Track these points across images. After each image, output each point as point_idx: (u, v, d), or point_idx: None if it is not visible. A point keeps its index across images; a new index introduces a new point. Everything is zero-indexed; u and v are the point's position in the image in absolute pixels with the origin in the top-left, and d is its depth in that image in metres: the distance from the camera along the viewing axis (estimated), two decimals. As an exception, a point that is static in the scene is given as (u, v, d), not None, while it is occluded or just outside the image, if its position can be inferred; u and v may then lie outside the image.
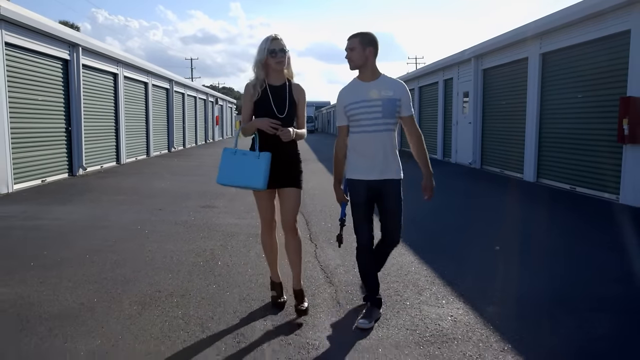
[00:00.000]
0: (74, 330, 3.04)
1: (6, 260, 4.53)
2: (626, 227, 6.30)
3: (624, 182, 7.54)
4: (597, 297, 3.79)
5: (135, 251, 4.89)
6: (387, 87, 3.14)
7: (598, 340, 3.04)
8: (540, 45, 10.01)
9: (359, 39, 3.15)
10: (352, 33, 3.23)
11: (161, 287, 3.84)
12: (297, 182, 3.36)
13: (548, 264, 4.67)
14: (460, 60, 14.32)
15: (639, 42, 7.22)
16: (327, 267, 4.41)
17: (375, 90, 3.12)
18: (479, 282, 4.08)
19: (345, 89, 3.29)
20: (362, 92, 3.15)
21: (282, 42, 3.26)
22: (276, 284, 3.57)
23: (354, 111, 3.16)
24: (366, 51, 3.13)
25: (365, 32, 3.18)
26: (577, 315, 3.41)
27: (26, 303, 3.49)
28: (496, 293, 3.83)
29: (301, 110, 3.41)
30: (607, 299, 3.75)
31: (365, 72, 3.19)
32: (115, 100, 13.81)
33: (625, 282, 4.12)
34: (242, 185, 3.20)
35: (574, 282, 4.12)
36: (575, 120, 9.06)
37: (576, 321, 3.29)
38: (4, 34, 8.26)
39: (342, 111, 3.24)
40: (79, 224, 6.15)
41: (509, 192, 9.63)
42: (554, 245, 5.38)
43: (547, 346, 2.94)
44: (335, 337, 3.02)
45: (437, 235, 5.82)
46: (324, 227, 6.03)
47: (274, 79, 3.33)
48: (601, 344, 2.98)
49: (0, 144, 8.14)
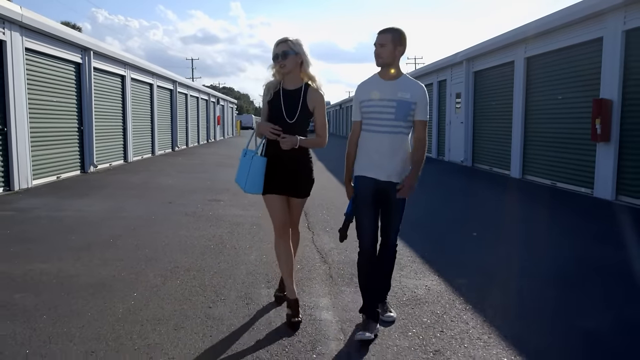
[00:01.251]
0: (111, 295, 3.67)
1: (41, 244, 5.16)
2: (594, 217, 6.94)
3: (597, 177, 8.18)
4: (549, 270, 4.43)
5: (152, 236, 5.53)
6: (406, 89, 3.01)
7: (543, 300, 3.68)
8: (525, 50, 10.65)
9: (391, 35, 2.99)
10: (384, 27, 3.05)
11: (179, 264, 4.48)
12: (305, 193, 3.32)
13: (516, 246, 5.32)
14: (453, 63, 14.95)
15: (610, 49, 7.86)
16: (322, 250, 5.04)
17: (392, 90, 3.01)
18: (454, 261, 4.72)
19: (364, 84, 3.16)
20: (379, 90, 3.04)
21: (289, 45, 3.12)
22: (291, 302, 3.25)
23: (367, 109, 3.07)
24: (396, 50, 3.01)
25: (398, 28, 3.02)
26: (529, 283, 4.05)
27: (66, 275, 4.12)
28: (467, 269, 4.47)
29: (319, 118, 3.24)
30: (557, 270, 4.39)
31: (389, 71, 3.06)
32: (122, 101, 14.44)
33: (578, 260, 4.77)
34: (240, 186, 3.21)
35: (536, 259, 4.77)
36: (555, 120, 9.70)
37: (527, 287, 3.94)
38: (24, 40, 8.89)
39: (357, 106, 3.14)
40: (98, 214, 6.78)
41: (495, 188, 10.27)
42: (526, 233, 6.02)
43: (502, 305, 3.58)
44: (327, 301, 3.66)
45: (423, 224, 6.44)
46: (320, 218, 6.66)
47: (288, 82, 3.22)
48: (543, 303, 3.63)
49: (21, 142, 8.78)
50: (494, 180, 11.30)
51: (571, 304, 3.65)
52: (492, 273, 4.38)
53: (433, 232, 6.04)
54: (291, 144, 3.06)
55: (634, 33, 7.47)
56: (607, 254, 5.01)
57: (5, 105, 8.40)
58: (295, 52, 3.12)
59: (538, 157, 10.38)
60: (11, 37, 8.50)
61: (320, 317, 3.35)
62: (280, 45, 3.12)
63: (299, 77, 3.20)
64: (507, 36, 11.28)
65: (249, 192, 3.16)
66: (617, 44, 7.69)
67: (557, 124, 9.63)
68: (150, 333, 3.03)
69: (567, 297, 3.78)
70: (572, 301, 3.70)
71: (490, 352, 2.86)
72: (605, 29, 7.97)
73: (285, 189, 3.22)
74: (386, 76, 3.07)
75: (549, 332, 3.15)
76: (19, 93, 8.70)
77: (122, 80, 14.33)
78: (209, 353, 2.82)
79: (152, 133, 17.46)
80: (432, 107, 17.71)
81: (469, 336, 3.07)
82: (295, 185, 3.24)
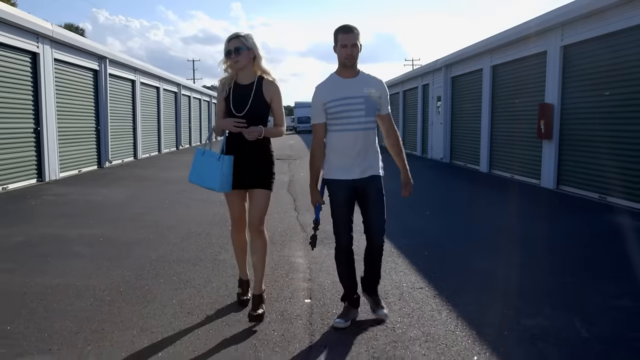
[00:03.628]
0: (146, 248, 5.09)
1: (83, 218, 6.58)
2: (530, 202, 8.35)
3: (543, 170, 9.61)
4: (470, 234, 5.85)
5: (169, 214, 6.95)
6: (369, 85, 3.02)
7: (456, 252, 5.11)
8: (491, 59, 12.08)
9: (357, 33, 2.98)
10: (345, 25, 3.00)
11: (192, 231, 5.89)
12: (267, 184, 3.29)
13: (459, 221, 6.74)
14: (434, 69, 16.37)
15: (552, 61, 9.29)
16: (304, 224, 6.44)
17: (358, 87, 3.00)
18: (403, 229, 6.13)
19: (323, 85, 3.11)
20: (343, 89, 3.01)
21: (241, 40, 3.14)
22: (243, 282, 3.61)
23: (335, 109, 3.01)
24: (359, 47, 3.01)
25: (354, 25, 3.00)
26: (450, 241, 5.48)
27: (111, 237, 5.54)
28: (413, 234, 5.88)
29: (277, 108, 3.30)
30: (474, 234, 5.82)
31: (349, 69, 3.04)
32: (133, 104, 15.87)
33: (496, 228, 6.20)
34: (203, 185, 3.20)
35: (465, 228, 6.20)
36: (513, 121, 11.14)
37: (448, 243, 5.37)
38: (53, 52, 10.32)
39: (320, 108, 3.06)
40: (121, 199, 8.20)
41: (463, 180, 11.69)
42: (472, 212, 7.45)
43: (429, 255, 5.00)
44: (301, 254, 5.08)
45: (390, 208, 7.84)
46: (306, 202, 8.07)
47: (242, 77, 3.24)
48: (455, 253, 5.05)
49: (51, 140, 10.20)
50: (464, 174, 12.72)
51: (474, 253, 5.06)
52: (428, 236, 5.80)
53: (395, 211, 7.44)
54: (257, 134, 3.10)
55: (570, 48, 8.90)
56: (523, 226, 6.43)
57: (39, 107, 9.83)
58: (248, 47, 3.15)
59: (501, 154, 11.81)
60: (43, 50, 9.93)
61: (294, 261, 4.76)
62: (233, 42, 3.15)
63: (252, 72, 3.24)
64: (477, 46, 12.70)
65: (222, 191, 3.20)
66: (556, 57, 9.11)
67: (514, 125, 11.06)
68: (176, 268, 4.45)
69: (471, 249, 5.19)
70: (475, 252, 5.12)
71: (408, 278, 4.26)
72: (548, 44, 9.40)
73: (247, 183, 3.26)
74: (347, 74, 3.05)
75: (451, 267, 4.56)
76: (49, 97, 10.13)
77: (132, 85, 15.76)
78: (217, 279, 4.22)
79: (158, 132, 18.90)
80: (416, 109, 19.15)
81: (395, 269, 4.47)
82: (260, 176, 3.26)
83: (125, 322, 3.21)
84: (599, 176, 8.05)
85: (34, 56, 9.68)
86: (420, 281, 4.11)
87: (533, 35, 9.79)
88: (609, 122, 7.91)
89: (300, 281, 4.14)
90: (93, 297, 3.67)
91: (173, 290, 3.84)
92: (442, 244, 5.51)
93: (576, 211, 7.43)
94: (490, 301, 3.66)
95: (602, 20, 7.94)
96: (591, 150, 8.33)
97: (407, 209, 7.73)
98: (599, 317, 3.36)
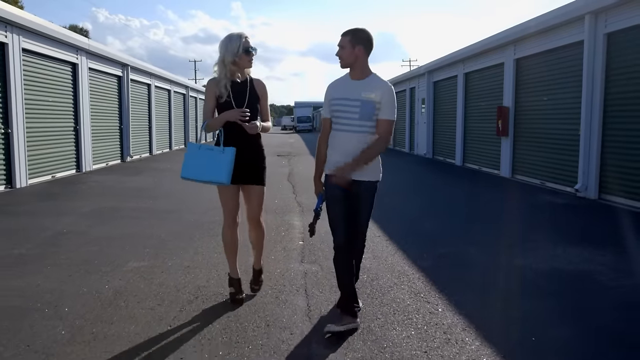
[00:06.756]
0: (180, 215, 6.89)
1: (126, 197, 8.39)
2: (486, 187, 10.18)
3: (501, 162, 11.44)
4: (429, 209, 7.65)
5: (190, 196, 8.75)
6: (371, 89, 3.03)
7: (416, 219, 6.92)
8: (464, 67, 13.90)
9: (349, 37, 3.06)
10: (345, 30, 3.11)
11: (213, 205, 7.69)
12: (260, 180, 3.39)
13: (426, 200, 8.56)
14: (419, 74, 18.19)
15: (508, 71, 11.11)
16: (300, 202, 8.23)
17: (357, 90, 3.04)
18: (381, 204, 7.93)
19: (334, 83, 3.23)
20: (346, 89, 3.09)
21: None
22: (234, 280, 3.56)
23: (335, 107, 3.11)
24: (356, 49, 3.04)
25: (358, 29, 3.08)
26: (414, 212, 7.30)
27: (150, 209, 7.35)
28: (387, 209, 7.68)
29: (265, 104, 3.43)
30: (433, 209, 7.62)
31: (355, 70, 3.10)
32: (148, 105, 17.69)
33: (452, 207, 8.01)
34: (206, 180, 3.21)
35: (427, 205, 8.01)
36: (481, 121, 12.96)
37: (414, 215, 7.19)
38: (87, 62, 12.13)
39: (327, 104, 3.19)
40: (149, 185, 10.01)
41: (438, 172, 13.51)
42: (440, 195, 9.27)
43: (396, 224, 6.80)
44: (297, 218, 6.87)
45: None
46: (304, 186, 9.86)
47: (238, 76, 3.34)
48: (416, 221, 6.86)
49: (86, 137, 12.01)
50: (442, 167, 14.54)
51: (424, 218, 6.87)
52: (398, 209, 7.60)
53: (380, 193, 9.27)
54: (256, 129, 3.22)
55: (521, 61, 10.73)
56: (472, 206, 8.24)
57: (77, 109, 11.64)
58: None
59: (472, 149, 13.65)
60: (80, 61, 11.74)
61: (292, 223, 6.56)
62: (249, 40, 3.29)
63: (244, 71, 3.38)
64: (453, 56, 14.51)
65: (228, 183, 3.21)
66: (510, 67, 10.93)
67: (482, 124, 12.89)
68: (206, 225, 6.25)
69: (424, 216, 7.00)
70: (426, 218, 6.92)
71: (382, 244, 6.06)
72: (505, 57, 11.22)
73: (243, 178, 3.33)
74: (354, 75, 3.11)
75: (406, 231, 6.36)
76: (85, 100, 11.95)
77: (148, 88, 17.58)
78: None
79: (169, 131, 20.72)
80: (404, 110, 20.98)
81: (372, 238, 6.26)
82: (254, 172, 3.38)
83: (182, 249, 5.04)
84: (541, 166, 9.88)
85: (74, 66, 11.49)
86: (377, 230, 5.93)
87: (494, 48, 11.61)
88: (547, 121, 9.74)
89: (296, 232, 5.97)
90: (157, 239, 5.49)
91: (209, 236, 5.66)
92: (406, 214, 7.32)
93: (518, 193, 9.26)
94: (422, 242, 5.49)
95: (545, 38, 9.75)
96: (535, 145, 10.15)
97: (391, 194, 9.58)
98: (480, 243, 5.20)
